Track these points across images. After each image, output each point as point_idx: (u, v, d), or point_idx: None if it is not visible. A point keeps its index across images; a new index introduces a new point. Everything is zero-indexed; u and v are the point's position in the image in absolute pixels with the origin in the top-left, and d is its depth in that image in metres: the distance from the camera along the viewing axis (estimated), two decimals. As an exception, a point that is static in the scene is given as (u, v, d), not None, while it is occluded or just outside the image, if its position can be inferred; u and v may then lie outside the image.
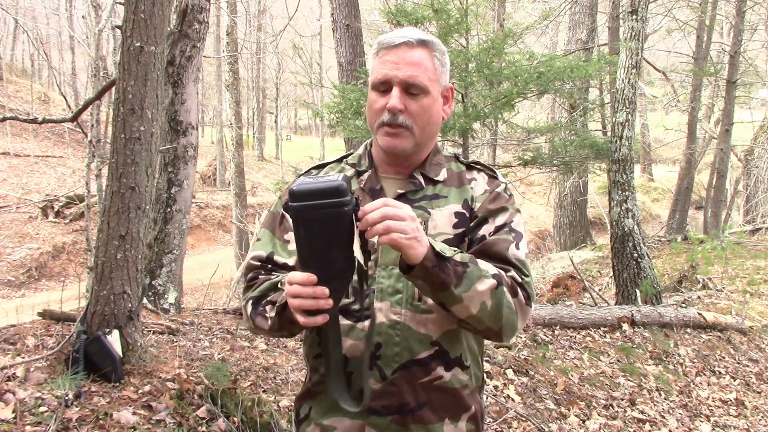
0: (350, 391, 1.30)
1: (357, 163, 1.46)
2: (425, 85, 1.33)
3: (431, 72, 1.35)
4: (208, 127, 28.93)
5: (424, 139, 1.38)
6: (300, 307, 1.16)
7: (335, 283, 1.15)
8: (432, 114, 1.37)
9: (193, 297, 9.17)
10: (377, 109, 1.35)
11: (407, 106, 1.33)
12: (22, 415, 2.21)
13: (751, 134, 16.71)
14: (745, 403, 4.53)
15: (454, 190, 1.41)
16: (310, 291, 1.14)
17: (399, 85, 1.32)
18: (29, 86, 21.43)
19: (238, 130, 14.68)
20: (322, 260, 1.13)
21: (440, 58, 1.38)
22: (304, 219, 1.11)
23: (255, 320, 1.35)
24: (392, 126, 1.33)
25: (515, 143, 6.82)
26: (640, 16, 6.01)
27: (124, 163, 2.73)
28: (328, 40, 20.38)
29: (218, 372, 2.83)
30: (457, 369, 1.36)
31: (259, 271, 1.43)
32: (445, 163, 1.46)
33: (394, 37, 1.35)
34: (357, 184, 1.42)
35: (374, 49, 1.39)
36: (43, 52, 21.04)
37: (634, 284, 5.96)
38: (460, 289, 1.19)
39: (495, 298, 1.23)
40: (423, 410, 1.33)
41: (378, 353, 1.31)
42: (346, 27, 6.91)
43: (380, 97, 1.35)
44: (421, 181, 1.40)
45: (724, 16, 15.44)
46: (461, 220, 1.37)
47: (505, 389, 3.74)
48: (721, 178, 12.43)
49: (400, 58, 1.33)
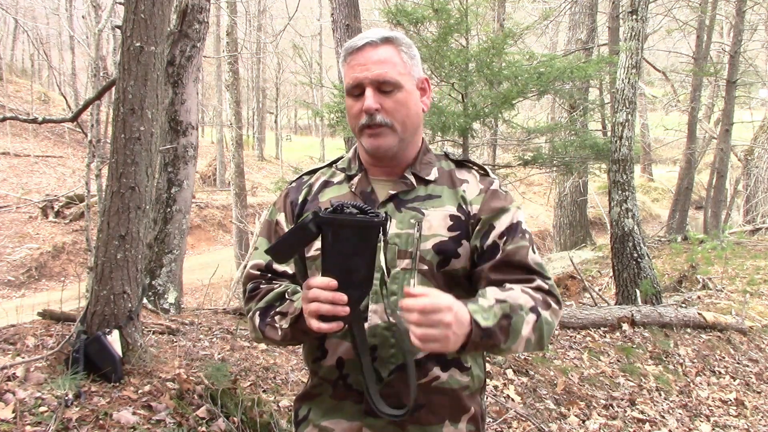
0: (351, 393, 1.32)
1: (347, 167, 1.46)
2: (396, 80, 1.33)
3: (400, 66, 1.35)
4: (208, 127, 28.92)
5: (407, 134, 1.38)
6: (316, 312, 1.17)
7: (354, 293, 1.17)
8: (410, 107, 1.37)
9: (193, 297, 9.17)
10: (355, 114, 1.36)
11: (383, 105, 1.33)
12: (22, 415, 2.21)
13: (751, 134, 16.70)
14: (745, 403, 4.53)
15: (447, 189, 1.40)
16: (330, 296, 1.15)
17: (371, 85, 1.33)
18: (29, 86, 21.42)
19: (238, 130, 14.67)
20: (344, 267, 1.16)
21: (407, 51, 1.38)
22: (335, 222, 1.14)
23: (264, 331, 1.36)
24: (372, 127, 1.33)
25: (515, 143, 6.82)
26: (640, 16, 6.01)
27: (124, 163, 2.73)
28: (328, 40, 20.37)
29: (218, 372, 2.83)
30: (455, 370, 1.35)
31: (260, 281, 1.43)
32: (436, 162, 1.45)
33: (357, 40, 1.35)
34: (348, 188, 1.42)
35: (341, 57, 1.39)
36: (43, 52, 21.04)
37: (634, 284, 5.95)
38: (509, 343, 1.22)
39: (538, 330, 1.25)
40: (421, 412, 1.32)
41: (374, 355, 1.31)
42: (346, 27, 6.90)
43: (356, 101, 1.35)
44: (413, 181, 1.39)
45: (724, 16, 15.44)
46: (456, 223, 1.35)
47: (505, 389, 3.74)
48: (721, 178, 12.43)
49: (367, 59, 1.33)
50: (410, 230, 1.33)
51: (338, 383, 1.35)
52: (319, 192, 1.45)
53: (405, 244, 1.32)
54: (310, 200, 1.44)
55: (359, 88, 1.34)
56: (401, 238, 1.33)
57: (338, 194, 1.42)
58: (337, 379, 1.35)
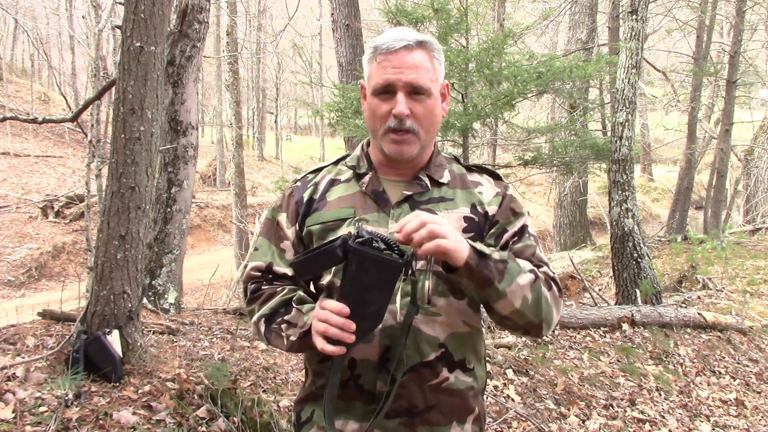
0: (362, 394, 1.32)
1: (356, 165, 1.44)
2: (428, 87, 1.32)
3: (432, 73, 1.34)
4: (208, 127, 28.93)
5: (428, 140, 1.38)
6: (324, 333, 1.18)
7: (363, 323, 1.19)
8: (435, 114, 1.36)
9: (193, 297, 9.17)
10: (382, 115, 1.33)
11: (413, 110, 1.32)
12: (22, 415, 2.21)
13: (751, 134, 16.71)
14: (745, 403, 4.52)
15: (459, 192, 1.40)
16: (340, 321, 1.17)
17: (403, 89, 1.31)
18: (29, 86, 21.41)
19: (238, 130, 14.67)
20: (360, 297, 1.18)
21: (438, 57, 1.37)
22: (362, 254, 1.16)
23: (270, 339, 1.37)
24: (399, 132, 1.32)
25: (515, 143, 6.82)
26: (640, 16, 6.01)
27: (124, 163, 2.73)
28: (328, 40, 20.37)
29: (218, 372, 2.83)
30: (459, 371, 1.36)
31: (261, 282, 1.43)
32: (446, 165, 1.45)
33: (392, 40, 1.32)
34: (358, 187, 1.40)
35: (369, 53, 1.36)
36: (43, 52, 21.04)
37: (634, 284, 5.95)
38: (503, 284, 1.22)
39: (534, 291, 1.26)
40: (431, 413, 1.33)
41: (387, 356, 1.30)
42: (346, 27, 6.90)
43: (383, 102, 1.33)
44: (428, 183, 1.39)
45: (724, 16, 15.44)
46: (470, 225, 1.36)
47: (505, 389, 3.74)
48: (721, 178, 12.43)
49: (402, 62, 1.31)
50: None
51: (349, 384, 1.33)
52: (326, 191, 1.43)
53: None
54: (317, 199, 1.42)
55: (390, 89, 1.32)
56: None
57: (347, 192, 1.40)
58: (348, 380, 1.33)
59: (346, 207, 1.38)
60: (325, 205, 1.40)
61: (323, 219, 1.38)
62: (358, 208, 1.37)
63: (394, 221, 1.33)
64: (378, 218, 1.35)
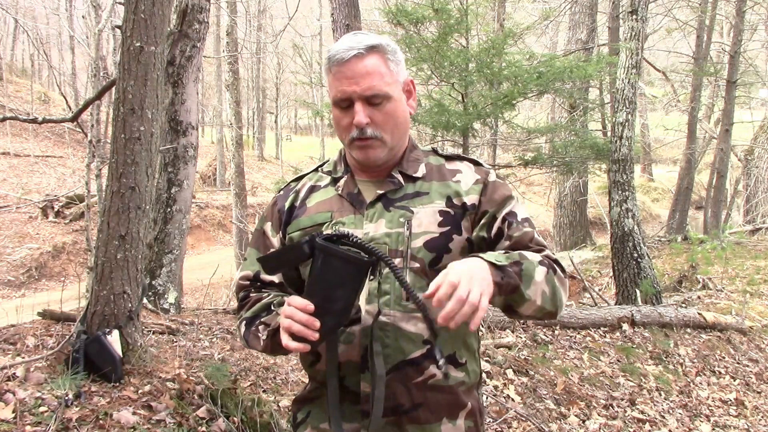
0: (348, 395, 1.33)
1: (333, 170, 1.46)
2: (385, 92, 1.31)
3: (388, 76, 1.33)
4: (208, 127, 28.91)
5: (396, 141, 1.38)
6: (288, 329, 1.19)
7: (328, 320, 1.18)
8: (398, 116, 1.36)
9: (193, 297, 9.16)
10: (344, 126, 1.34)
11: (372, 118, 1.32)
12: (22, 415, 2.21)
13: (751, 134, 16.70)
14: (745, 403, 4.52)
15: (435, 184, 1.39)
16: (303, 318, 1.17)
17: (359, 99, 1.30)
18: (29, 86, 21.41)
19: (238, 130, 14.66)
20: (326, 294, 1.18)
21: (393, 58, 1.35)
22: (327, 251, 1.16)
23: (248, 340, 1.40)
24: (362, 140, 1.33)
25: (515, 143, 6.82)
26: (640, 16, 6.01)
27: (124, 163, 2.73)
28: (328, 40, 20.36)
29: (218, 372, 2.83)
30: (450, 366, 1.35)
31: (249, 290, 1.46)
32: (423, 158, 1.44)
33: (343, 49, 1.31)
34: (335, 191, 1.42)
35: (325, 64, 1.35)
36: (43, 52, 21.05)
37: (634, 284, 5.95)
38: (524, 287, 1.22)
39: (550, 284, 1.27)
40: (419, 411, 1.33)
41: (368, 356, 1.30)
42: (346, 27, 6.89)
43: (344, 113, 1.33)
44: (400, 179, 1.39)
45: (724, 16, 15.44)
46: (446, 219, 1.35)
47: (505, 389, 3.74)
48: (721, 178, 12.43)
49: (354, 72, 1.30)
50: (400, 229, 1.33)
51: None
52: (306, 197, 1.45)
53: (395, 243, 1.32)
54: (297, 206, 1.44)
55: (347, 101, 1.32)
56: (391, 238, 1.32)
57: (325, 197, 1.42)
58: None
59: (324, 212, 1.40)
60: (305, 212, 1.42)
61: (302, 225, 1.40)
62: (335, 211, 1.39)
63: (368, 221, 1.35)
64: (354, 220, 1.36)
